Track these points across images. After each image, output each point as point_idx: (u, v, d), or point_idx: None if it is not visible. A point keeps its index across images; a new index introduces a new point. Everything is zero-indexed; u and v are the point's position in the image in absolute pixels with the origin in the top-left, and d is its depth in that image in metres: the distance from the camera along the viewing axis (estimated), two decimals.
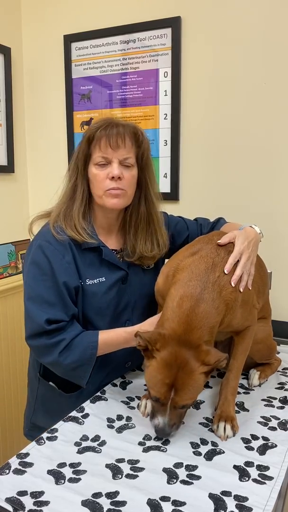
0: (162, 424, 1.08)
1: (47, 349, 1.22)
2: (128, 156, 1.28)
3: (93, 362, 1.23)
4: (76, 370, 1.24)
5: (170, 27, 1.86)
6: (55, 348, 1.21)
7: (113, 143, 1.25)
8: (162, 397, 1.06)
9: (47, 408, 1.43)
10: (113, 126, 1.27)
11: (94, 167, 1.28)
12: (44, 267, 1.25)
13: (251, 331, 1.27)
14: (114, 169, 1.26)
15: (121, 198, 1.29)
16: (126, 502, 0.89)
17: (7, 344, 2.23)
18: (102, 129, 1.26)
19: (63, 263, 1.25)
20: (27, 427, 1.50)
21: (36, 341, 1.24)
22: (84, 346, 1.23)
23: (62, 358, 1.21)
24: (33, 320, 1.23)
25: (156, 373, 1.06)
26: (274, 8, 1.68)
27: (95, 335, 1.25)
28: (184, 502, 0.90)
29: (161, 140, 1.96)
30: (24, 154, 2.31)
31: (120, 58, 1.99)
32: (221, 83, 1.81)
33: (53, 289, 1.23)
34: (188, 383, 1.05)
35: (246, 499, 0.90)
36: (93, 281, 1.31)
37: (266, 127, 1.75)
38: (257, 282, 1.34)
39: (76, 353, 1.22)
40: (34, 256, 1.27)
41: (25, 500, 0.89)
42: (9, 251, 2.24)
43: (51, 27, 2.16)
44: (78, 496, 0.90)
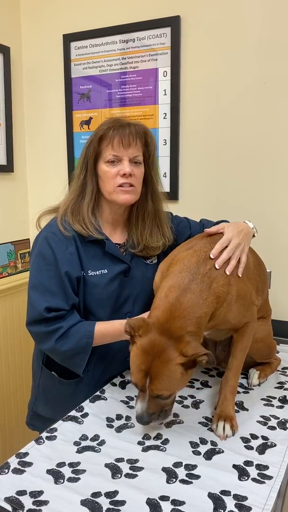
0: (140, 411, 1.08)
1: (45, 336, 1.27)
2: (138, 154, 1.35)
3: (88, 351, 1.27)
4: (73, 358, 1.28)
5: (170, 27, 1.85)
6: (52, 335, 1.25)
7: (126, 142, 1.32)
8: (138, 383, 1.07)
9: (47, 397, 1.46)
10: (125, 126, 1.33)
11: (104, 164, 1.34)
12: (48, 257, 1.30)
13: (250, 328, 1.26)
14: (126, 167, 1.32)
15: (132, 193, 1.35)
16: (125, 501, 0.89)
17: (7, 344, 2.23)
18: (115, 129, 1.32)
19: (66, 254, 1.30)
20: (29, 415, 1.54)
21: (35, 328, 1.28)
22: (81, 335, 1.26)
23: (59, 345, 1.25)
24: (34, 307, 1.28)
25: (134, 359, 1.08)
26: (274, 7, 1.68)
27: (92, 325, 1.29)
28: (184, 501, 0.90)
29: (160, 139, 1.96)
30: (24, 153, 2.31)
31: (120, 58, 1.99)
32: (220, 82, 1.81)
33: (56, 278, 1.28)
34: (162, 372, 1.04)
35: (245, 499, 0.90)
36: (95, 272, 1.35)
37: (266, 126, 1.75)
38: (256, 279, 1.34)
39: (73, 341, 1.26)
40: (40, 247, 1.33)
41: (24, 499, 0.89)
42: (8, 251, 2.24)
43: (51, 27, 2.16)
44: (77, 496, 0.90)
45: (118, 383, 1.39)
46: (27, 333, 1.35)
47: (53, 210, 1.43)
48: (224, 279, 1.17)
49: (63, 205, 1.38)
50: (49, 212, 1.43)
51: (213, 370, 1.51)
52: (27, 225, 2.35)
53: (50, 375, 1.43)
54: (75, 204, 1.36)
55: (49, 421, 1.19)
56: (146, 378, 1.06)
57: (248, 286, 1.25)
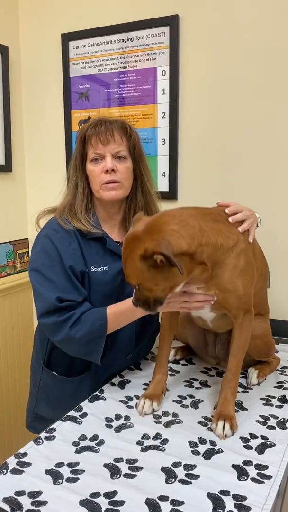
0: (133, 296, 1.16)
1: (58, 326, 1.26)
2: (120, 149, 1.36)
3: (104, 334, 1.27)
4: (89, 344, 1.27)
5: (168, 26, 1.85)
6: (65, 323, 1.25)
7: (103, 139, 1.34)
8: None
9: (49, 397, 1.46)
10: (102, 123, 1.36)
11: (90, 164, 1.37)
12: (52, 254, 1.31)
13: (248, 321, 1.25)
14: (108, 163, 1.33)
15: (118, 189, 1.36)
16: (124, 501, 0.89)
17: (5, 344, 2.23)
18: (92, 128, 1.35)
19: (69, 249, 1.32)
20: (30, 417, 1.53)
21: (48, 319, 1.27)
22: (94, 318, 1.27)
23: (73, 332, 1.25)
24: (44, 299, 1.27)
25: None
26: (273, 6, 1.68)
27: (103, 309, 1.30)
28: (183, 501, 0.89)
29: (159, 139, 1.96)
30: (22, 153, 2.31)
31: (118, 57, 1.99)
32: (219, 81, 1.81)
33: (63, 273, 1.29)
34: (127, 260, 1.11)
35: (244, 498, 0.90)
36: (98, 269, 1.37)
37: (265, 126, 1.75)
38: (259, 266, 1.35)
39: (86, 325, 1.25)
40: (42, 245, 1.33)
41: (23, 500, 0.89)
42: (7, 251, 2.24)
43: (49, 26, 2.15)
44: (76, 496, 0.90)
45: (117, 383, 1.39)
46: (26, 333, 1.35)
47: (52, 210, 1.44)
48: (235, 232, 1.20)
49: (61, 205, 1.41)
50: (48, 212, 1.44)
51: (212, 370, 1.50)
52: (26, 225, 2.35)
53: (51, 375, 1.43)
54: (71, 205, 1.39)
55: (51, 423, 1.18)
56: (123, 265, 1.13)
57: (253, 260, 1.25)
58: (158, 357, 1.34)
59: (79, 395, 1.36)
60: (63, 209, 1.38)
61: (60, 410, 1.24)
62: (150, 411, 1.22)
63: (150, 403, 1.23)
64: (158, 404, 1.24)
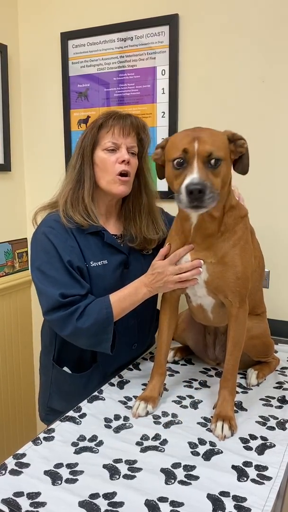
0: (190, 179, 1.06)
1: (64, 320, 1.26)
2: (134, 145, 1.40)
3: (111, 322, 1.27)
4: (98, 334, 1.27)
5: (168, 25, 1.84)
6: (71, 317, 1.25)
7: (126, 131, 1.36)
8: (187, 146, 1.08)
9: (61, 392, 1.48)
10: (126, 116, 1.39)
11: (102, 152, 1.37)
12: (50, 250, 1.31)
13: (243, 314, 1.24)
14: (124, 154, 1.36)
15: (128, 186, 1.40)
16: (123, 503, 0.89)
17: (4, 343, 2.22)
18: (116, 118, 1.37)
19: (66, 245, 1.32)
20: (44, 411, 1.55)
21: (53, 315, 1.27)
22: (99, 308, 1.27)
23: (80, 323, 1.25)
24: (48, 296, 1.28)
25: (175, 137, 1.15)
26: (272, 5, 1.68)
27: (106, 297, 1.30)
28: (182, 502, 0.89)
29: (158, 138, 1.95)
30: (21, 152, 2.30)
31: (118, 56, 1.98)
32: (218, 81, 1.80)
33: (62, 269, 1.29)
34: (212, 133, 1.12)
35: (244, 500, 0.90)
36: (97, 263, 1.37)
37: (264, 125, 1.75)
38: (257, 255, 1.36)
39: (93, 315, 1.26)
40: (40, 243, 1.34)
41: (21, 501, 0.88)
42: (5, 250, 2.23)
43: (48, 25, 2.14)
44: (75, 497, 0.90)
45: (116, 383, 1.39)
46: (25, 333, 1.35)
47: (48, 206, 1.44)
48: (244, 207, 1.28)
49: (62, 197, 1.39)
50: (45, 208, 1.44)
51: (212, 370, 1.50)
52: (25, 225, 2.34)
53: (61, 371, 1.45)
54: (74, 194, 1.38)
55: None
56: (194, 142, 1.08)
57: (251, 245, 1.27)
58: (156, 358, 1.33)
59: (90, 387, 1.38)
60: (65, 202, 1.37)
61: (73, 403, 1.27)
62: (144, 413, 1.21)
63: (144, 406, 1.22)
64: (153, 406, 1.23)
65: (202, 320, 1.41)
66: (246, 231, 1.25)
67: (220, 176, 1.11)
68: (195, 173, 1.07)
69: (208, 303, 1.30)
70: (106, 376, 1.42)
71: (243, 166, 1.20)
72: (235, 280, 1.20)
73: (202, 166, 1.08)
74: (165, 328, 1.35)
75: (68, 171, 1.43)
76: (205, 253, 1.21)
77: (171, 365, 1.54)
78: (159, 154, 1.22)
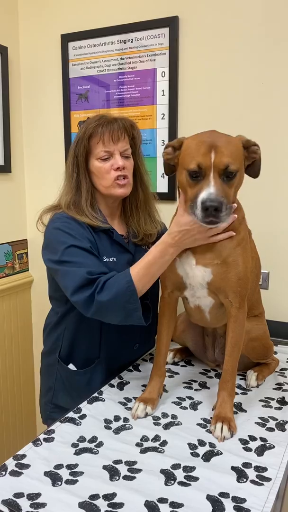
0: (207, 194, 1.05)
1: (90, 298, 1.24)
2: (127, 148, 1.41)
3: (133, 292, 1.22)
4: (123, 307, 1.23)
5: (168, 27, 1.85)
6: (94, 292, 1.23)
7: (115, 137, 1.37)
8: (202, 159, 1.07)
9: (66, 387, 1.49)
10: (113, 121, 1.38)
11: (97, 161, 1.39)
12: (67, 241, 1.30)
13: (242, 315, 1.24)
14: (118, 160, 1.37)
15: (128, 187, 1.42)
16: (123, 503, 0.89)
17: (4, 344, 2.22)
18: (104, 125, 1.37)
19: (84, 236, 1.33)
20: (48, 410, 1.55)
21: (80, 295, 1.25)
22: (119, 280, 1.25)
23: (100, 297, 1.22)
24: (75, 275, 1.25)
25: (192, 143, 1.12)
26: (272, 8, 1.68)
27: (127, 270, 1.27)
28: (182, 503, 0.89)
29: (158, 140, 1.96)
30: (21, 153, 2.30)
31: (118, 58, 1.98)
32: (218, 82, 1.81)
33: (86, 253, 1.30)
34: (228, 142, 1.10)
35: (244, 501, 0.90)
36: (109, 259, 1.40)
37: (265, 127, 1.75)
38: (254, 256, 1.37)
39: (113, 289, 1.23)
40: (55, 237, 1.33)
41: (21, 502, 0.89)
42: (6, 251, 2.23)
43: (48, 27, 2.15)
44: (75, 498, 0.90)
45: (116, 384, 1.39)
46: (25, 334, 1.35)
47: (52, 208, 1.46)
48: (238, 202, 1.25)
49: (65, 203, 1.41)
50: (50, 210, 1.46)
51: (211, 371, 1.50)
52: (25, 226, 2.35)
53: (66, 368, 1.47)
54: (75, 202, 1.40)
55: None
56: (211, 153, 1.07)
57: (249, 246, 1.28)
58: (155, 359, 1.34)
59: (94, 383, 1.41)
60: (68, 206, 1.39)
61: (77, 399, 1.29)
62: (143, 415, 1.21)
63: (143, 407, 1.22)
64: (152, 408, 1.23)
65: (198, 321, 1.41)
66: (246, 231, 1.27)
67: (234, 186, 1.12)
68: (211, 188, 1.06)
69: (207, 304, 1.30)
70: (110, 374, 1.44)
71: (254, 171, 1.20)
72: (237, 280, 1.21)
73: (218, 179, 1.08)
74: (164, 330, 1.35)
75: (66, 179, 1.45)
76: (210, 255, 1.21)
77: (171, 366, 1.54)
78: (171, 154, 1.20)
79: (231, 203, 1.11)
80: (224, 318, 1.32)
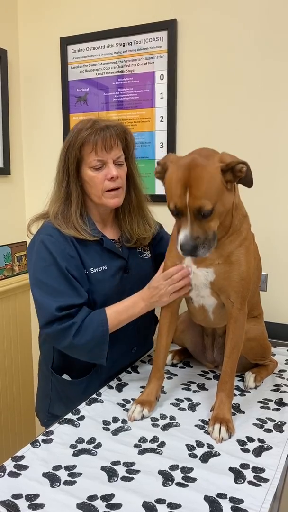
0: (183, 237, 1.07)
1: (61, 334, 1.27)
2: (120, 155, 1.37)
3: (106, 339, 1.28)
4: (93, 350, 1.29)
5: (166, 30, 1.86)
6: (68, 331, 1.26)
7: (108, 146, 1.32)
8: (178, 201, 1.07)
9: (62, 398, 1.48)
10: (105, 129, 1.32)
11: (89, 170, 1.34)
12: (47, 258, 1.30)
13: (242, 317, 1.25)
14: (112, 170, 1.33)
15: (120, 196, 1.39)
16: (121, 504, 0.89)
17: (3, 346, 2.22)
18: (97, 133, 1.31)
19: (64, 253, 1.31)
20: (46, 418, 1.54)
21: (50, 328, 1.28)
22: (95, 325, 1.28)
23: (76, 340, 1.26)
24: (45, 309, 1.28)
25: (171, 179, 1.09)
26: (270, 11, 1.69)
27: (102, 312, 1.30)
28: (180, 504, 0.90)
29: (157, 142, 1.96)
30: (21, 156, 2.31)
31: (116, 61, 1.99)
32: (216, 85, 1.82)
33: (60, 277, 1.29)
34: (202, 176, 1.05)
35: (241, 501, 0.90)
36: (97, 269, 1.38)
37: (263, 129, 1.76)
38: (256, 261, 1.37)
39: (89, 332, 1.27)
40: (37, 251, 1.33)
41: (20, 503, 0.89)
42: (5, 253, 2.24)
43: (48, 30, 2.16)
44: (73, 499, 0.90)
45: (114, 386, 1.39)
46: (24, 336, 1.35)
47: (41, 216, 1.43)
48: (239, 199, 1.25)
49: (52, 211, 1.37)
50: (38, 219, 1.43)
51: (210, 373, 1.51)
52: (24, 228, 2.31)
53: (60, 379, 1.46)
54: (64, 211, 1.36)
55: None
56: (186, 193, 1.06)
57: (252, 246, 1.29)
58: (154, 361, 1.34)
59: (89, 392, 1.39)
60: (56, 216, 1.36)
61: (73, 408, 1.28)
62: (139, 417, 1.21)
63: (140, 409, 1.23)
64: (149, 410, 1.23)
65: (202, 321, 1.41)
66: (249, 230, 1.27)
67: (214, 220, 1.11)
68: (187, 230, 1.08)
69: (211, 303, 1.31)
70: (106, 381, 1.43)
71: (246, 182, 1.17)
72: (239, 280, 1.22)
73: (195, 219, 1.08)
74: (165, 333, 1.35)
75: (56, 186, 1.40)
76: (211, 257, 1.21)
77: (170, 368, 1.55)
78: (161, 172, 1.18)
79: (211, 235, 1.11)
80: (224, 317, 1.33)
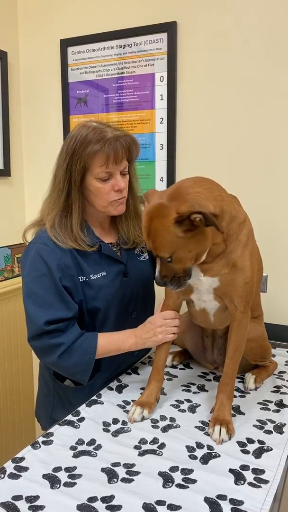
0: (156, 273, 1.15)
1: (47, 350, 1.27)
2: (126, 165, 1.35)
3: (91, 366, 1.29)
4: (75, 374, 1.31)
5: (166, 32, 1.87)
6: (55, 350, 1.26)
7: (119, 160, 1.29)
8: (146, 245, 1.12)
9: (64, 403, 1.47)
10: (115, 140, 1.27)
11: (96, 180, 1.29)
12: (41, 268, 1.28)
13: (245, 320, 1.25)
14: (120, 182, 1.32)
15: (124, 203, 1.39)
16: (121, 506, 0.89)
17: (3, 348, 2.22)
18: (107, 146, 1.25)
19: (60, 263, 1.29)
20: (48, 423, 1.53)
21: (37, 342, 1.28)
22: (83, 350, 1.28)
23: (62, 361, 1.26)
24: (33, 322, 1.27)
25: (144, 216, 1.11)
26: (269, 12, 1.69)
27: (94, 339, 1.30)
28: (180, 506, 0.90)
29: (157, 144, 1.97)
30: (21, 157, 2.31)
31: (117, 63, 2.00)
32: (216, 87, 1.82)
33: (52, 289, 1.28)
34: (158, 230, 1.06)
35: (241, 503, 0.90)
36: (97, 275, 1.37)
37: (264, 130, 1.76)
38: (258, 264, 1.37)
39: (75, 357, 1.27)
40: (32, 260, 1.30)
41: (20, 504, 0.89)
42: (5, 255, 2.24)
43: (48, 32, 2.16)
44: (74, 501, 0.90)
45: (114, 387, 1.39)
46: (24, 338, 1.35)
47: (37, 223, 1.39)
48: (241, 210, 1.24)
49: (48, 221, 1.32)
50: (34, 225, 1.40)
51: (210, 374, 1.51)
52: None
53: (62, 385, 1.45)
54: (62, 221, 1.32)
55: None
56: (149, 240, 1.09)
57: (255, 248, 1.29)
58: (154, 363, 1.34)
59: (92, 395, 1.37)
60: (53, 225, 1.31)
61: None
62: (139, 418, 1.21)
63: (140, 411, 1.22)
64: (149, 412, 1.23)
65: (202, 323, 1.41)
66: (250, 234, 1.25)
67: (182, 262, 1.11)
68: (157, 271, 1.15)
69: (213, 306, 1.31)
70: (108, 383, 1.42)
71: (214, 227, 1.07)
72: (244, 285, 1.22)
73: (160, 261, 1.13)
74: None
75: (55, 192, 1.33)
76: (217, 267, 1.20)
77: (170, 369, 1.55)
78: None
79: (182, 272, 1.14)
80: (228, 320, 1.33)
